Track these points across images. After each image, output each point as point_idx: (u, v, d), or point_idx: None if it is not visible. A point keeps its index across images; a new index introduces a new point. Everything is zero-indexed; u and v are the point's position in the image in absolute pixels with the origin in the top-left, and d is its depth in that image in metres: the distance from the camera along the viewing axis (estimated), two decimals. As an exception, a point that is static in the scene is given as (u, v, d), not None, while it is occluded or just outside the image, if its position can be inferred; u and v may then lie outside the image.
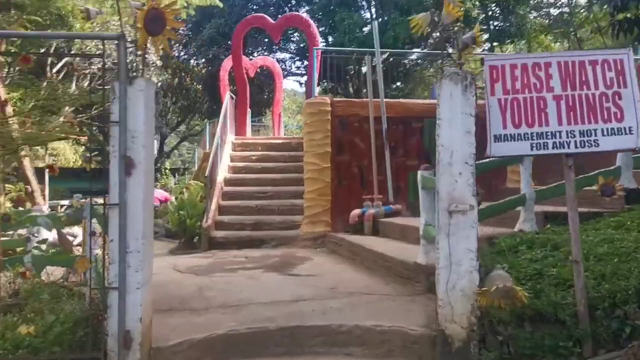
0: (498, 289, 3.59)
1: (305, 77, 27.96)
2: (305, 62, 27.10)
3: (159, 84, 18.26)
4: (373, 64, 9.09)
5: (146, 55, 12.55)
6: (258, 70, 20.15)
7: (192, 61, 26.84)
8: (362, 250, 6.92)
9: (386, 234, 7.91)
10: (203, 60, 23.79)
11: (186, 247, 8.76)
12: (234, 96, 12.83)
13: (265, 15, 13.38)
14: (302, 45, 26.28)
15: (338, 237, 8.04)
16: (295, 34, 24.25)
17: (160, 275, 6.53)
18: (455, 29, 3.90)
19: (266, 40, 23.50)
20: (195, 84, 26.42)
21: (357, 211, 8.38)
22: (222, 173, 10.24)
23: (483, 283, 3.76)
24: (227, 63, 15.87)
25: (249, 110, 13.58)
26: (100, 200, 3.92)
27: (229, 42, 20.52)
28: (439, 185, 3.80)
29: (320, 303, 4.90)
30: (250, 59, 17.59)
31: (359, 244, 7.10)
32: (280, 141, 11.81)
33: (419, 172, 5.36)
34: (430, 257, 5.23)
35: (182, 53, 26.90)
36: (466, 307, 3.73)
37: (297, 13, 13.12)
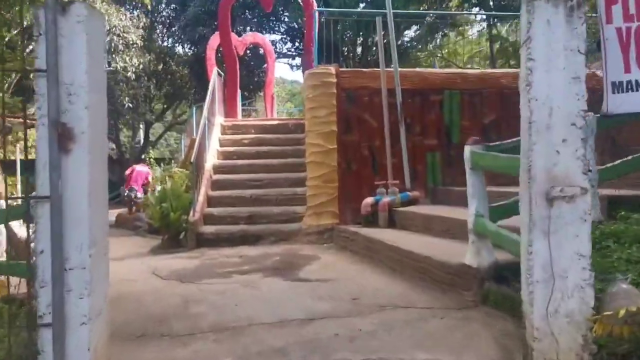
0: (629, 312, 2.38)
1: (296, 60, 26.64)
2: (297, 44, 25.75)
3: (141, 66, 16.84)
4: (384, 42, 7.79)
5: (125, 35, 11.18)
6: (248, 49, 18.80)
7: (177, 46, 25.39)
8: (383, 246, 5.69)
9: (405, 225, 6.70)
10: (188, 42, 22.27)
11: (170, 245, 7.49)
12: (222, 73, 11.48)
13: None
14: (292, 25, 24.92)
15: (349, 231, 6.80)
16: (286, 13, 22.81)
17: (135, 283, 5.28)
18: None
19: (255, 20, 22.08)
20: (181, 68, 24.96)
21: (369, 200, 7.15)
22: (211, 159, 8.95)
23: (598, 302, 2.56)
24: (214, 41, 14.50)
25: (239, 90, 12.22)
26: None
27: (216, 21, 19.16)
28: (532, 160, 2.56)
29: (343, 323, 3.68)
30: (239, 37, 16.17)
31: (378, 239, 5.87)
32: (275, 122, 10.51)
33: (468, 148, 4.13)
34: (483, 258, 4.05)
35: (166, 37, 25.45)
36: (576, 339, 2.52)
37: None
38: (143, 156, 23.13)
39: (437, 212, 6.29)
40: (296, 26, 25.27)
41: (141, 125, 24.57)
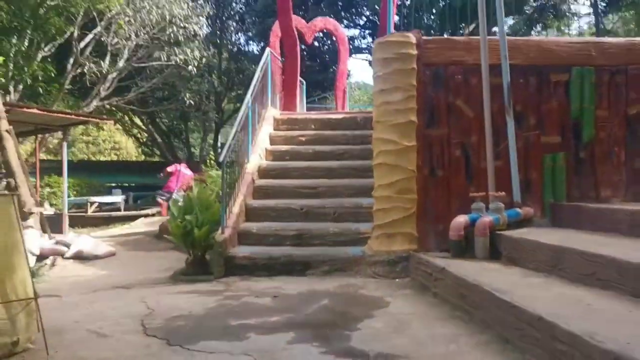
0: None
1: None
2: (374, 38, 23.74)
3: (204, 59, 15.48)
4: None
5: (186, 25, 9.85)
6: (324, 43, 17.06)
7: (250, 43, 24.16)
8: (486, 298, 3.57)
9: (515, 259, 4.55)
10: (258, 37, 20.85)
11: (195, 270, 5.73)
12: (278, 57, 9.68)
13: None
14: (372, 18, 23.00)
15: (433, 265, 4.71)
16: (365, 3, 20.87)
17: (103, 342, 3.47)
18: None
19: (330, 12, 20.25)
20: (253, 66, 23.72)
21: (462, 219, 5.03)
22: (255, 160, 7.16)
23: None
24: (278, 27, 12.85)
25: (299, 79, 10.28)
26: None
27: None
28: None
29: None
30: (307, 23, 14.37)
31: (478, 286, 3.75)
32: (340, 116, 8.54)
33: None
34: None
35: (239, 34, 24.30)
36: None
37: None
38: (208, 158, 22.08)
39: (570, 242, 4.09)
40: (376, 20, 23.34)
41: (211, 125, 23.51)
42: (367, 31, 23.15)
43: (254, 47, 24.28)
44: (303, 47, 13.93)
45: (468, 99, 5.58)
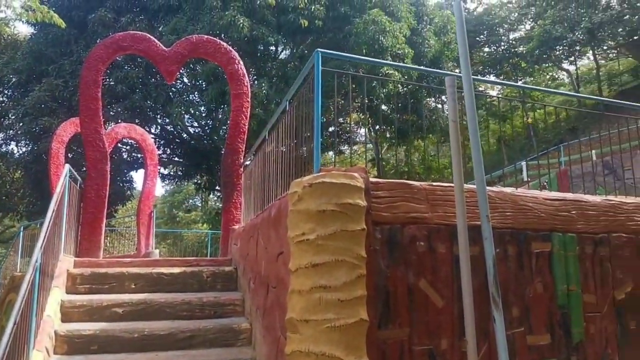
0: None
1: (169, 168, 22.09)
2: (170, 150, 21.36)
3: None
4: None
5: None
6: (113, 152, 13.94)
7: (9, 142, 19.53)
8: None
9: None
10: (25, 136, 16.72)
11: None
12: (79, 178, 6.52)
13: (151, 36, 7.45)
14: (167, 127, 20.68)
15: None
16: (164, 110, 18.46)
17: None
18: None
19: (125, 115, 17.23)
20: (11, 171, 19.04)
21: None
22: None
23: None
24: (66, 129, 9.71)
25: (105, 210, 7.10)
26: None
27: (69, 111, 14.40)
28: None
29: None
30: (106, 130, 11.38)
31: None
32: (176, 270, 5.63)
33: None
34: None
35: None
36: None
37: (208, 36, 7.54)
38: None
39: None
40: (171, 128, 21.05)
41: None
42: (161, 141, 20.65)
43: (15, 149, 19.70)
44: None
45: (435, 278, 3.55)
